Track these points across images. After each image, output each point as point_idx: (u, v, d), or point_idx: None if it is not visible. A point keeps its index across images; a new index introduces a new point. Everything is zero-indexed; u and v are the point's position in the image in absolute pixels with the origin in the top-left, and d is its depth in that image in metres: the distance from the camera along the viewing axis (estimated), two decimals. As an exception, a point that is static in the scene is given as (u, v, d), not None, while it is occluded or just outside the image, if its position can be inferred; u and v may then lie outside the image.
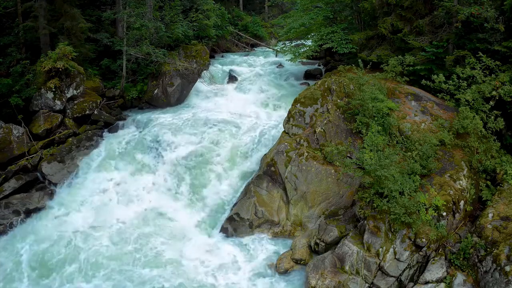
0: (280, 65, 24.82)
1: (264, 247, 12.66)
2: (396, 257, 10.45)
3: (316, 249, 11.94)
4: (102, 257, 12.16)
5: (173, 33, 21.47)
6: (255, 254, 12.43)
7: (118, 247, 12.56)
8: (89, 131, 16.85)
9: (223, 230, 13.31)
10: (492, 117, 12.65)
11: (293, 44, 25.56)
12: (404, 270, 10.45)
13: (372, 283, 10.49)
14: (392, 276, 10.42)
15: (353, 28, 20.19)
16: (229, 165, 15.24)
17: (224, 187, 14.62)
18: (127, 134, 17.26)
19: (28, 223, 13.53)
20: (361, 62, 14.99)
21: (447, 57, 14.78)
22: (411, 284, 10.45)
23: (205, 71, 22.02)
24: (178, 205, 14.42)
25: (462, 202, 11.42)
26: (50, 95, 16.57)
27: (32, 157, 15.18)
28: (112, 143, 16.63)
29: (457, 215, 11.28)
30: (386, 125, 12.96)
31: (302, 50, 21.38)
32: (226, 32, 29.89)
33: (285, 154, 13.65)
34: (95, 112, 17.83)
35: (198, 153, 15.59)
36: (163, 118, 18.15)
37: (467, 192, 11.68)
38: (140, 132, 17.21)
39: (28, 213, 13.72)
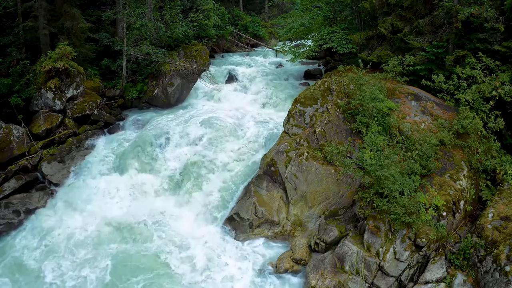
0: (280, 65, 24.84)
1: (264, 247, 12.67)
2: (396, 257, 10.45)
3: (316, 249, 11.94)
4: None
5: (173, 33, 21.49)
6: (255, 254, 12.43)
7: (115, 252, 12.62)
8: (89, 131, 16.86)
9: (222, 229, 13.30)
10: (492, 117, 12.65)
11: (293, 44, 25.59)
12: (404, 270, 10.45)
13: (372, 283, 10.49)
14: (392, 276, 10.42)
15: (353, 28, 20.19)
16: (228, 165, 15.24)
17: (224, 187, 14.61)
18: (127, 134, 17.27)
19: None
20: (361, 62, 15.00)
21: (447, 57, 14.78)
22: (411, 284, 10.45)
23: (205, 71, 22.03)
24: (178, 205, 14.42)
25: (462, 202, 11.42)
26: (50, 95, 16.58)
27: (32, 157, 15.18)
28: (112, 143, 16.63)
29: (457, 215, 11.28)
30: (386, 125, 12.96)
31: (302, 50, 21.39)
32: (226, 32, 29.90)
33: (285, 154, 13.66)
34: (95, 112, 17.83)
35: (198, 153, 15.60)
36: (163, 118, 18.15)
37: (467, 192, 11.68)
38: (140, 132, 17.21)
39: (28, 213, 13.72)
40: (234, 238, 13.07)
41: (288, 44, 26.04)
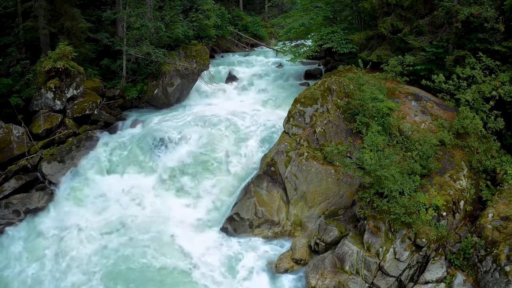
0: (280, 65, 24.85)
1: (264, 247, 12.66)
2: (396, 257, 10.45)
3: (316, 249, 11.94)
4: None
5: (173, 33, 21.49)
6: (254, 254, 12.42)
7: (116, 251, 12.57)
8: (89, 131, 16.84)
9: (223, 230, 13.31)
10: (492, 117, 12.65)
11: (293, 44, 25.59)
12: (404, 270, 10.45)
13: (372, 283, 10.49)
14: (392, 276, 10.42)
15: (353, 28, 20.19)
16: (228, 165, 15.23)
17: (224, 187, 14.61)
18: (127, 134, 17.25)
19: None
20: (361, 62, 15.00)
21: (447, 57, 14.79)
22: (411, 284, 10.45)
23: (205, 71, 22.03)
24: (178, 205, 14.41)
25: (462, 202, 11.42)
26: (50, 95, 16.57)
27: (32, 157, 15.18)
28: (112, 143, 16.60)
29: (457, 215, 11.29)
30: (386, 125, 12.96)
31: (302, 50, 21.39)
32: (226, 32, 29.90)
33: (285, 154, 13.66)
34: (95, 112, 17.83)
35: (198, 153, 15.59)
36: (163, 118, 18.15)
37: (467, 192, 11.68)
38: (140, 132, 17.20)
39: (28, 213, 13.71)
40: (234, 238, 13.05)
41: (288, 44, 26.05)
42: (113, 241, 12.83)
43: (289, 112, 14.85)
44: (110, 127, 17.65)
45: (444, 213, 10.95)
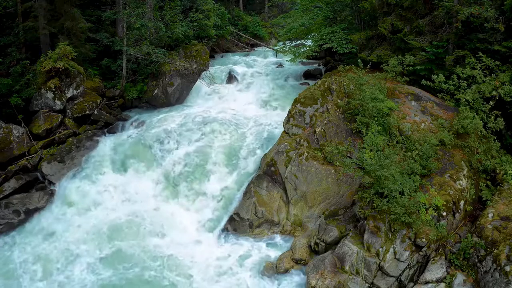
0: (280, 65, 24.84)
1: (264, 247, 12.67)
2: (396, 257, 10.45)
3: (316, 249, 11.95)
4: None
5: (173, 33, 21.47)
6: (255, 254, 12.42)
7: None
8: (89, 131, 16.83)
9: (223, 230, 13.31)
10: (492, 117, 12.66)
11: (293, 44, 25.57)
12: (404, 270, 10.45)
13: (372, 283, 10.50)
14: (392, 276, 10.42)
15: (353, 28, 20.20)
16: (229, 165, 15.23)
17: (224, 188, 14.59)
18: (127, 134, 17.23)
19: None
20: (361, 62, 15.00)
21: (447, 57, 14.79)
22: (411, 284, 10.46)
23: (205, 71, 22.01)
24: (178, 205, 14.41)
25: (462, 202, 11.42)
26: (50, 95, 16.57)
27: (32, 157, 15.18)
28: (112, 143, 16.58)
29: (457, 215, 11.29)
30: (386, 125, 12.97)
31: (302, 50, 21.38)
32: (226, 32, 29.89)
33: (285, 154, 13.66)
34: (95, 112, 17.83)
35: (198, 154, 15.58)
36: (163, 118, 18.12)
37: (467, 192, 11.68)
38: (140, 132, 17.18)
39: (28, 213, 13.70)
40: (234, 238, 13.05)
41: (288, 44, 26.03)
42: (108, 248, 12.72)
43: (289, 112, 14.85)
44: (110, 127, 17.62)
45: (444, 213, 10.95)
